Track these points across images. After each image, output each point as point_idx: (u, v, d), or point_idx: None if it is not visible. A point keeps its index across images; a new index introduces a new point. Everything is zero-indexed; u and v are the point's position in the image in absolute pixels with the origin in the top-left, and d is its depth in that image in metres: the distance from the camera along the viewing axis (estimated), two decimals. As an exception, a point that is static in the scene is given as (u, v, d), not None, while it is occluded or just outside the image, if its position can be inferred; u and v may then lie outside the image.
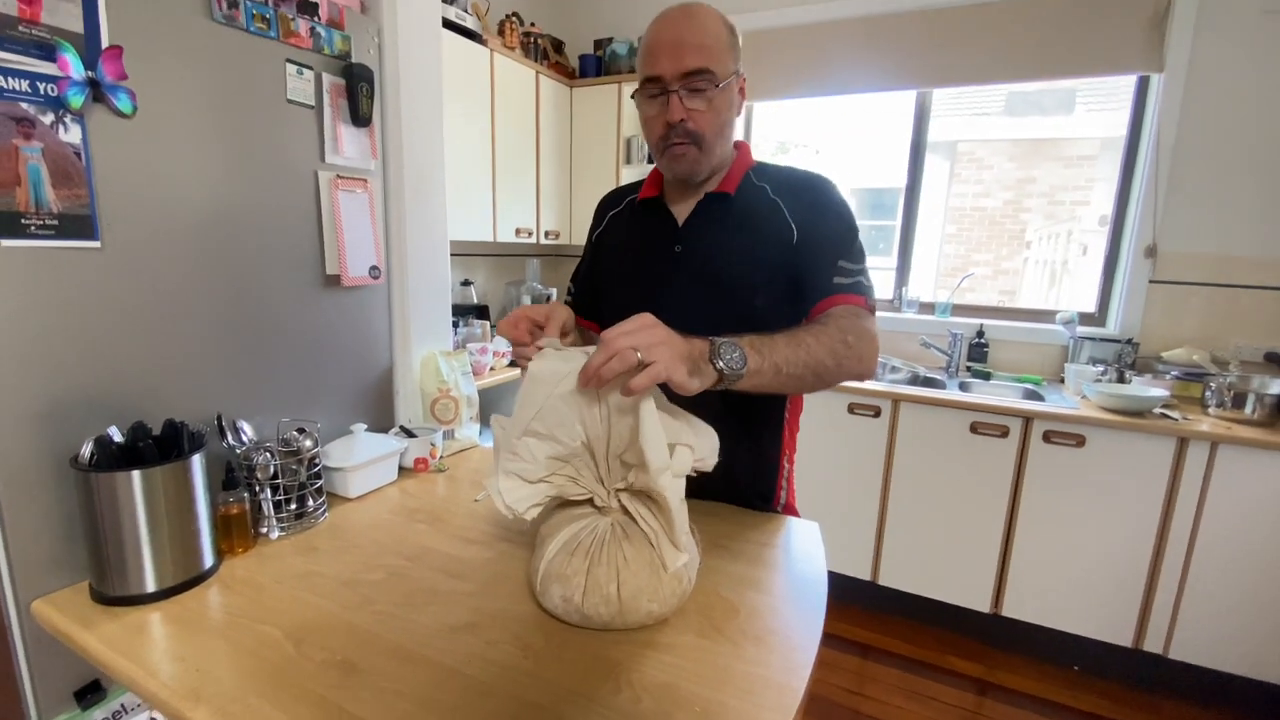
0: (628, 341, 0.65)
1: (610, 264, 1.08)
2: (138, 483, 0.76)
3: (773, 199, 0.96)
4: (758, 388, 0.76)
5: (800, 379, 0.80)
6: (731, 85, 0.91)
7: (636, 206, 1.06)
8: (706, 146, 0.91)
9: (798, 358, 0.78)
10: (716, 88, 0.88)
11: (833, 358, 0.82)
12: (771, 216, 0.95)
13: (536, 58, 2.68)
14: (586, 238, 1.16)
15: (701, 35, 0.87)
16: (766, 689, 0.65)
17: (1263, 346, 2.15)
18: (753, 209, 0.95)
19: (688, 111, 0.88)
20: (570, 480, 0.75)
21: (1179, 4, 2.13)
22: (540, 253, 3.20)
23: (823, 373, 0.82)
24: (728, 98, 0.91)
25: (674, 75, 0.87)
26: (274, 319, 1.05)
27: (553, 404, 0.71)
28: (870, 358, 0.87)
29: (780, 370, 0.76)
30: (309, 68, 1.03)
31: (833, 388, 0.89)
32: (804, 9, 2.67)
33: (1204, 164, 2.18)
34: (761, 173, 0.99)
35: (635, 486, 0.73)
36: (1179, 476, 1.85)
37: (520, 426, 0.72)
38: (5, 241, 0.73)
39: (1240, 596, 1.83)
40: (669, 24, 0.89)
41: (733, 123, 0.95)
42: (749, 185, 0.97)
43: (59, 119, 0.75)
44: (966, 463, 2.10)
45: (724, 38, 0.90)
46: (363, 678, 0.66)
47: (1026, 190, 5.16)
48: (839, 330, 0.84)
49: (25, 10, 0.71)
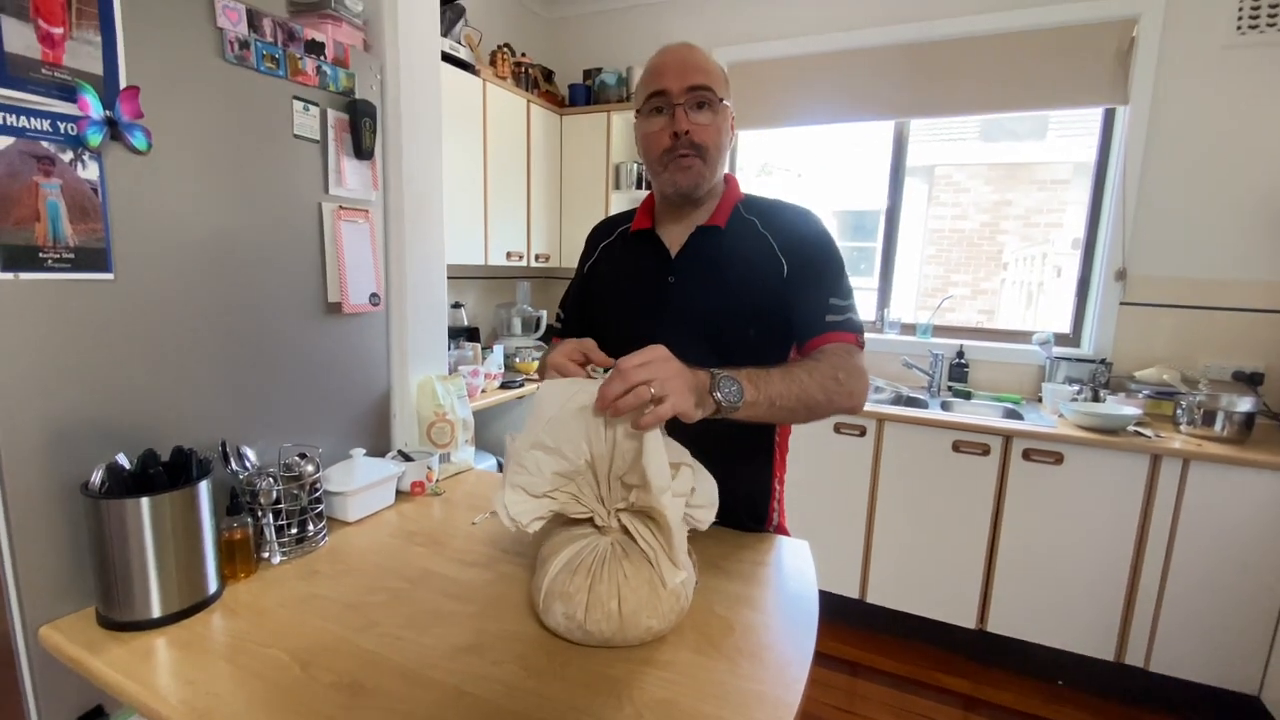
0: (644, 375, 0.69)
1: (603, 294, 1.11)
2: (146, 509, 0.78)
3: (762, 232, 1.00)
4: (751, 418, 0.81)
5: (793, 411, 0.85)
6: (727, 110, 0.97)
7: (629, 237, 1.09)
8: (710, 160, 0.96)
9: (791, 392, 0.83)
10: (719, 103, 0.95)
11: (824, 393, 0.87)
12: (762, 249, 0.99)
13: (527, 87, 2.74)
14: (577, 266, 1.19)
15: (703, 60, 0.95)
16: (762, 704, 0.68)
17: (1230, 366, 2.24)
18: (743, 241, 1.00)
19: (693, 124, 0.93)
20: (572, 498, 0.78)
21: (1142, 41, 2.24)
22: (530, 275, 3.24)
23: (814, 407, 0.87)
24: (726, 119, 0.97)
25: (679, 90, 0.92)
26: (277, 346, 1.08)
27: (563, 417, 0.74)
28: (860, 394, 0.92)
29: (774, 403, 0.81)
30: (315, 104, 1.07)
31: (821, 420, 0.94)
32: (789, 42, 2.77)
33: (1169, 190, 2.28)
34: (750, 206, 1.03)
35: (637, 505, 0.76)
36: (1153, 492, 1.91)
37: (529, 439, 0.75)
38: (24, 275, 0.75)
39: (1216, 609, 1.88)
40: (672, 51, 0.96)
41: (727, 148, 1.00)
42: (738, 218, 1.02)
43: (78, 156, 0.78)
44: (949, 481, 2.15)
45: (719, 72, 0.97)
46: (371, 698, 0.68)
47: (1002, 213, 5.31)
48: (831, 367, 0.89)
49: (48, 54, 0.75)
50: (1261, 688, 1.85)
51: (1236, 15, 2.13)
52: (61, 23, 0.75)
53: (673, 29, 2.99)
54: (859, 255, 5.22)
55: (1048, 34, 2.37)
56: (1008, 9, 2.41)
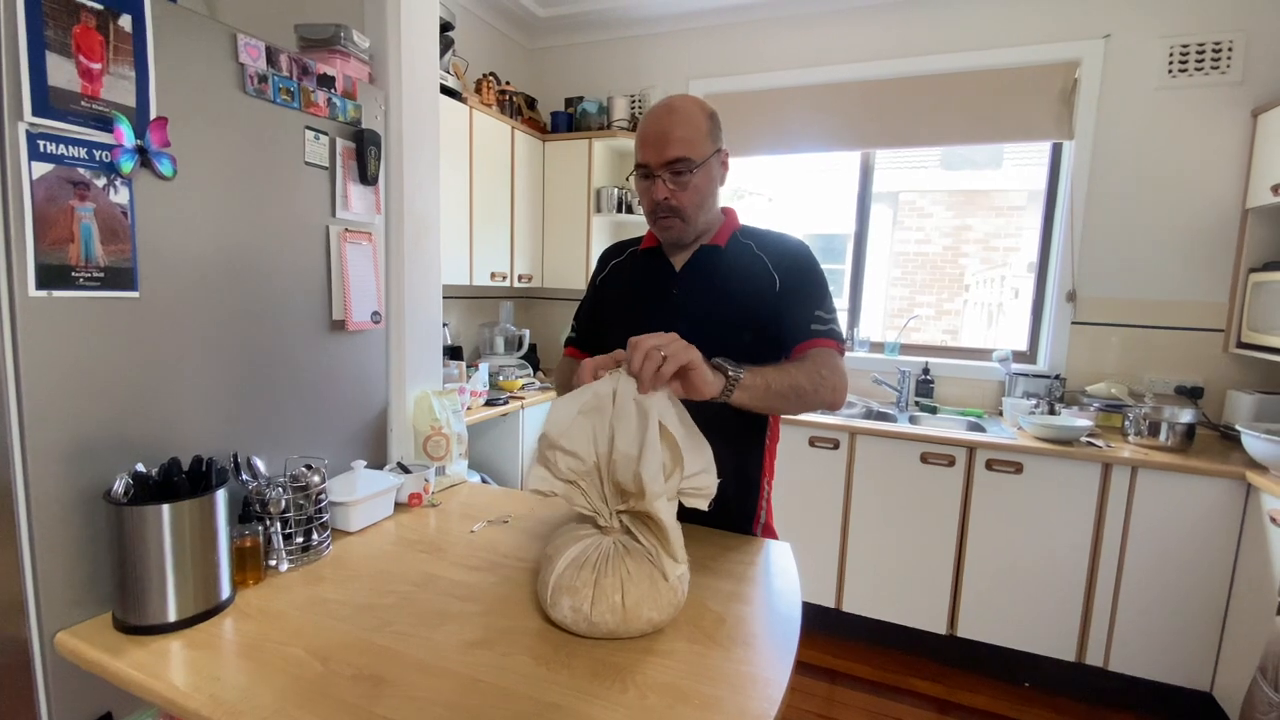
0: (654, 341, 0.80)
1: (614, 305, 1.23)
2: (168, 516, 0.82)
3: (757, 253, 1.13)
4: (750, 401, 0.92)
5: (785, 398, 0.97)
6: (710, 164, 1.08)
7: (639, 255, 1.22)
8: (688, 218, 1.08)
9: (783, 380, 0.96)
10: (692, 172, 1.04)
11: (811, 384, 1.00)
12: (757, 267, 1.11)
13: (511, 114, 2.83)
14: (589, 282, 1.32)
15: (682, 128, 1.03)
16: (755, 684, 0.74)
17: (1173, 380, 2.40)
18: (741, 260, 1.12)
19: (670, 191, 1.05)
20: (581, 493, 0.85)
21: (1084, 82, 2.44)
22: (513, 295, 3.30)
23: (803, 395, 0.99)
24: (707, 175, 1.08)
25: (658, 163, 1.04)
26: (285, 361, 1.12)
27: (573, 426, 0.82)
28: (840, 390, 1.04)
29: (770, 388, 0.93)
30: (325, 133, 1.13)
31: (808, 412, 1.06)
32: (762, 76, 2.92)
33: (1112, 219, 2.46)
34: (747, 233, 1.17)
35: (635, 509, 0.83)
36: (1106, 498, 2.04)
37: (550, 442, 0.84)
38: (57, 293, 0.79)
39: (1167, 609, 2.00)
40: (654, 119, 1.06)
41: (715, 193, 1.12)
42: (737, 242, 1.15)
43: (110, 182, 0.83)
44: (919, 490, 2.25)
45: (703, 127, 1.06)
46: (393, 688, 0.72)
47: (963, 237, 5.56)
48: (816, 366, 1.02)
49: (88, 87, 0.80)
50: (1213, 684, 1.96)
51: (1168, 60, 2.33)
52: (100, 59, 0.80)
53: (651, 61, 3.12)
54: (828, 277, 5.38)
55: (1000, 74, 2.56)
56: (964, 50, 2.59)
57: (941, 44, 2.62)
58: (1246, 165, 2.27)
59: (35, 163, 0.76)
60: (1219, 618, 1.95)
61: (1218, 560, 1.94)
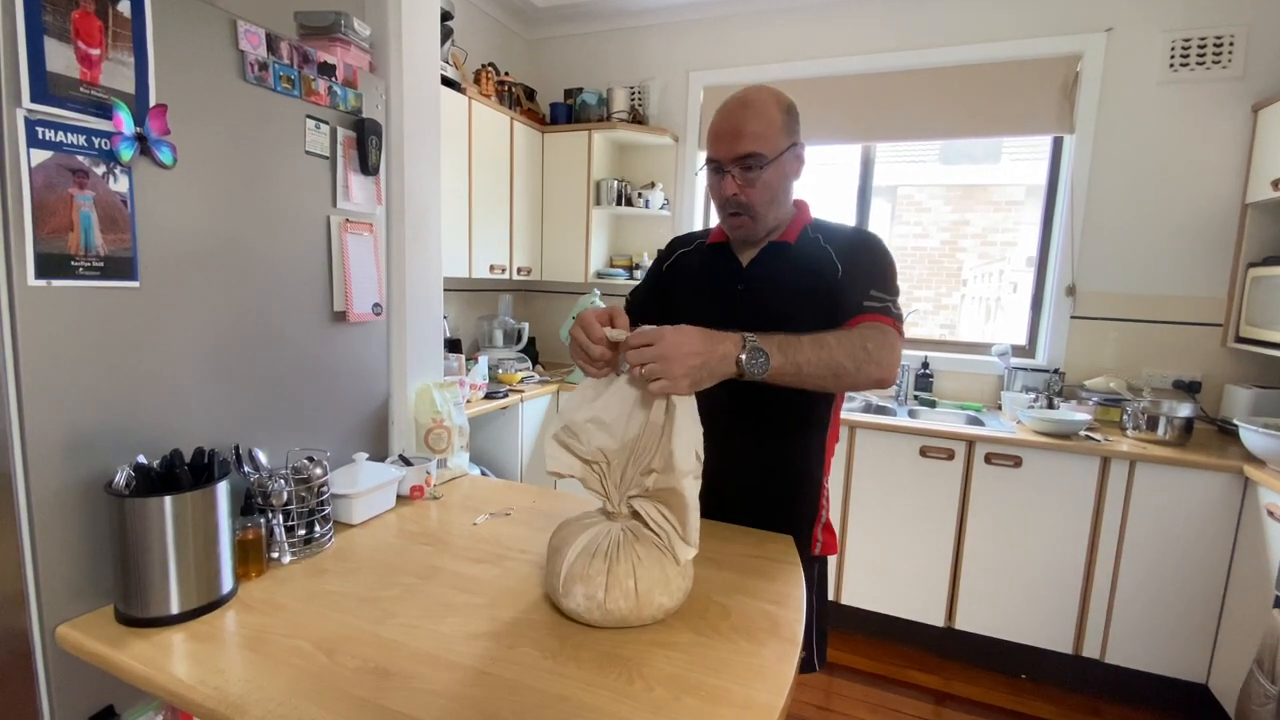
0: (643, 358, 0.79)
1: (679, 295, 1.19)
2: (170, 508, 0.81)
3: (824, 246, 1.09)
4: (782, 383, 0.89)
5: (821, 378, 0.92)
6: (783, 159, 1.04)
7: (705, 248, 1.19)
8: (758, 215, 1.06)
9: (819, 358, 0.90)
10: (762, 168, 1.02)
11: (852, 361, 0.93)
12: (822, 259, 1.08)
13: (510, 105, 2.81)
14: (653, 265, 1.30)
15: (755, 122, 1.02)
16: (761, 675, 0.74)
17: (1171, 375, 2.41)
18: (808, 255, 1.09)
19: (739, 188, 1.03)
20: (598, 478, 0.86)
21: (1085, 76, 2.43)
22: (512, 288, 3.29)
23: (841, 374, 0.93)
24: (779, 172, 1.05)
25: (728, 159, 1.02)
26: (286, 352, 1.11)
27: (610, 397, 0.85)
28: (889, 365, 0.97)
29: (801, 369, 0.89)
30: (325, 122, 1.12)
31: (857, 390, 1.02)
32: (762, 69, 2.91)
33: (1113, 213, 2.46)
34: (818, 227, 1.13)
35: (655, 488, 0.83)
36: (1104, 492, 2.05)
37: (586, 413, 0.85)
38: (56, 282, 0.78)
39: (1164, 602, 2.02)
40: (728, 114, 1.04)
41: (788, 189, 1.09)
42: (806, 237, 1.11)
43: (110, 170, 0.81)
44: (918, 484, 2.26)
45: (777, 121, 1.03)
46: (398, 680, 0.72)
47: (961, 232, 5.56)
48: (860, 338, 0.95)
49: (87, 73, 0.79)
50: (1209, 676, 1.98)
51: (1169, 54, 2.33)
52: (99, 44, 0.79)
53: (650, 53, 3.10)
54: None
55: (1001, 67, 2.55)
56: (965, 43, 2.58)
57: (943, 37, 2.61)
58: (1247, 160, 2.27)
59: (34, 150, 0.75)
60: (1215, 611, 1.96)
61: (1214, 554, 1.95)
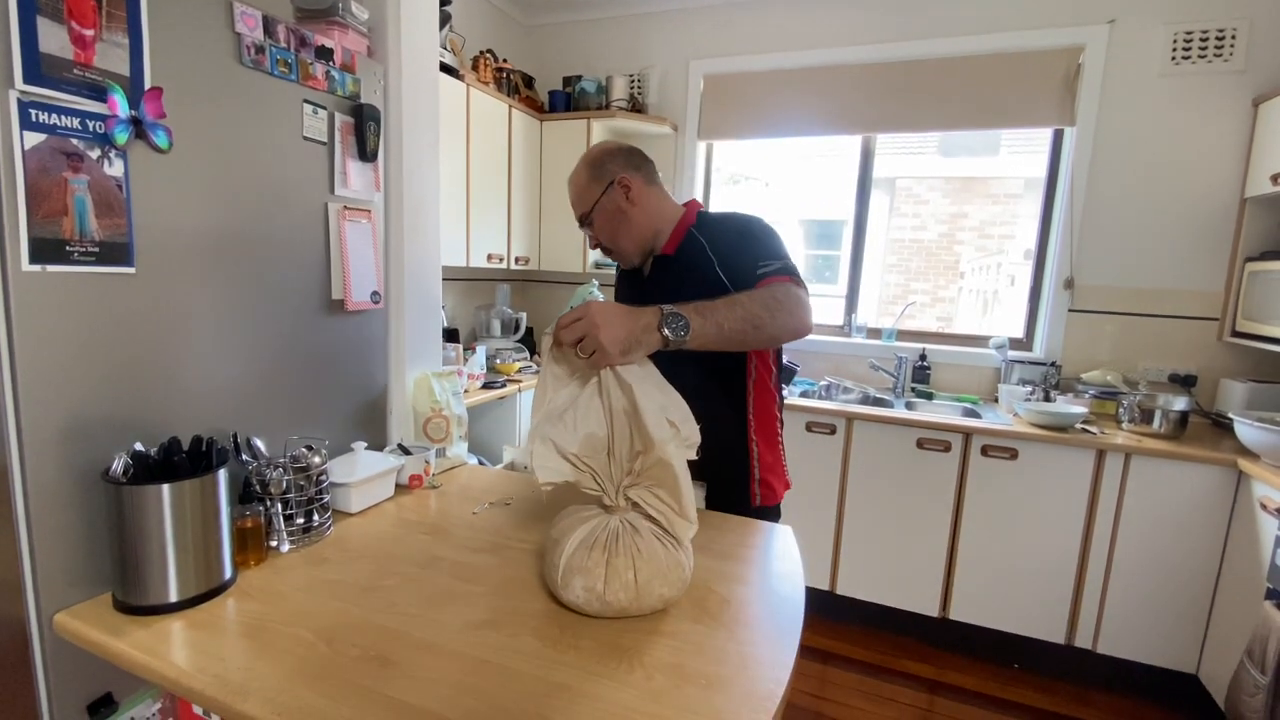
0: (571, 336, 0.85)
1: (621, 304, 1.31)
2: (169, 496, 0.80)
3: (701, 243, 1.18)
4: (705, 345, 0.94)
5: (742, 333, 0.98)
6: (603, 204, 1.19)
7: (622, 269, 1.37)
8: (619, 249, 1.24)
9: (735, 314, 0.96)
10: (592, 222, 1.21)
11: (766, 310, 0.99)
12: (699, 257, 1.17)
13: (508, 92, 2.78)
14: None
15: (572, 191, 1.23)
16: (760, 664, 0.75)
17: (1166, 368, 2.42)
18: (686, 260, 1.19)
19: (594, 239, 1.25)
20: (591, 474, 0.85)
21: (1087, 68, 2.42)
22: (510, 278, 3.27)
23: (760, 324, 0.99)
24: (605, 214, 1.20)
25: (579, 221, 1.25)
26: (284, 340, 1.10)
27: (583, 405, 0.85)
28: (799, 312, 1.03)
29: (723, 327, 0.95)
30: (323, 108, 1.11)
31: (781, 341, 1.07)
32: (762, 57, 2.88)
33: (1112, 206, 2.46)
34: (702, 224, 1.22)
35: (644, 468, 0.83)
36: (1099, 484, 2.06)
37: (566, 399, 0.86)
38: (51, 267, 0.77)
39: (1156, 593, 2.04)
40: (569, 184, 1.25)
41: (629, 217, 1.20)
42: (690, 241, 1.20)
43: (104, 154, 0.80)
44: (914, 475, 2.27)
45: (582, 179, 1.20)
46: (399, 669, 0.72)
47: (959, 224, 5.56)
48: (768, 293, 1.02)
49: (80, 55, 0.77)
50: (1199, 666, 2.00)
51: (1171, 47, 2.32)
52: (93, 25, 0.78)
53: (650, 41, 3.07)
54: (824, 263, 5.40)
55: (1003, 59, 2.53)
56: (967, 34, 2.56)
57: (945, 28, 2.59)
58: (1246, 154, 2.27)
59: (27, 132, 0.73)
60: (1207, 602, 1.98)
61: (1207, 546, 1.97)
